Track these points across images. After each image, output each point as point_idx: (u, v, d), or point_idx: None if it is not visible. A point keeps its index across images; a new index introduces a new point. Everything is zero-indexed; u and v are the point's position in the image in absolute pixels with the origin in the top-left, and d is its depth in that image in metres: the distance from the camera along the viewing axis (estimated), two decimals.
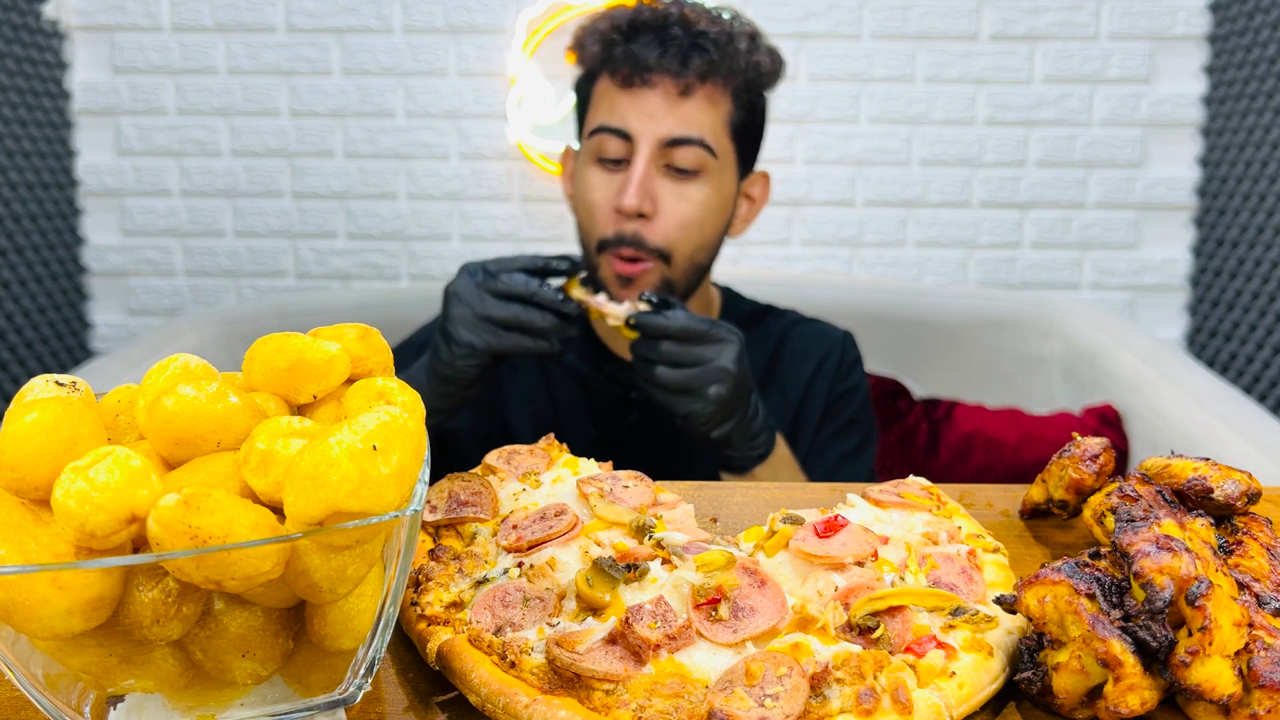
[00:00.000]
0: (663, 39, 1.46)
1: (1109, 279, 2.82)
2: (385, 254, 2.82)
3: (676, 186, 1.48)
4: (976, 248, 2.82)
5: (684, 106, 1.46)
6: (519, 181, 2.78)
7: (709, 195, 1.50)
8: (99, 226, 2.80)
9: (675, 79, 1.45)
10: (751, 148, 1.59)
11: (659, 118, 1.45)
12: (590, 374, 1.63)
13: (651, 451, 1.60)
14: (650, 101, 1.46)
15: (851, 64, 2.72)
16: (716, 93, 1.48)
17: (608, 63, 1.49)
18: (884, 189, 2.79)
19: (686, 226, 1.48)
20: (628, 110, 1.47)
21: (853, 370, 1.69)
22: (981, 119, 2.76)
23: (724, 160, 1.51)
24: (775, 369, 1.66)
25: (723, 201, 1.53)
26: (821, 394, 1.65)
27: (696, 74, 1.45)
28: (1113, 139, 2.75)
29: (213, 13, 2.71)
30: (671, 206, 1.47)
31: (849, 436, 1.64)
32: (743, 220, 1.65)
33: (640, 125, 1.46)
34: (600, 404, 1.63)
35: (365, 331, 0.63)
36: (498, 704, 0.59)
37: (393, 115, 2.75)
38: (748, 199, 1.64)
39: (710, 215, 1.51)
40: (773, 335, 1.68)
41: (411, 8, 2.71)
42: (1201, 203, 2.76)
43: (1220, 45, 2.66)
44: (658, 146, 1.45)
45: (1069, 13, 2.70)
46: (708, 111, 1.48)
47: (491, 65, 2.73)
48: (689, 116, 1.46)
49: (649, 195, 1.46)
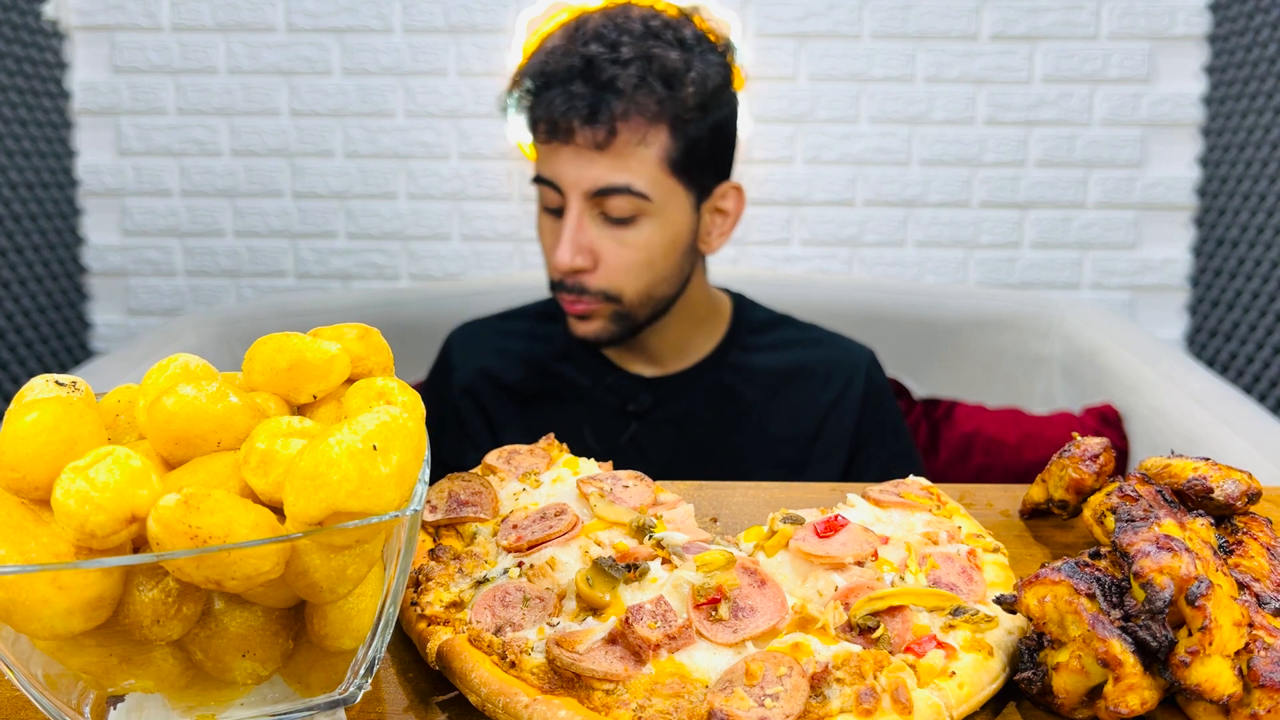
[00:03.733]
0: (568, 94, 1.38)
1: (1109, 279, 2.82)
2: (385, 254, 2.82)
3: (615, 233, 1.42)
4: (976, 248, 2.82)
5: (605, 156, 1.39)
6: (519, 181, 2.78)
7: (651, 236, 1.43)
8: (99, 226, 2.80)
9: (594, 129, 1.37)
10: (706, 170, 1.48)
11: (583, 168, 1.39)
12: (588, 385, 1.59)
13: (651, 465, 1.55)
14: (570, 154, 1.40)
15: (851, 64, 2.72)
16: (645, 128, 1.39)
17: (530, 119, 1.45)
18: (884, 189, 2.79)
19: (630, 270, 1.43)
20: (554, 163, 1.42)
21: (879, 399, 1.59)
22: (981, 119, 2.76)
23: (664, 198, 1.43)
24: (789, 387, 1.57)
25: (673, 236, 1.45)
26: (845, 425, 1.56)
27: (609, 125, 1.37)
28: (1113, 139, 2.75)
29: (213, 13, 2.71)
30: (613, 254, 1.42)
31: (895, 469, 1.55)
32: (718, 235, 1.54)
33: (567, 177, 1.40)
34: (598, 416, 1.58)
35: (365, 331, 0.63)
36: (498, 704, 0.59)
37: (393, 115, 2.75)
38: (719, 213, 1.54)
39: (659, 253, 1.45)
40: (789, 349, 1.60)
41: (411, 8, 2.71)
42: (1201, 203, 2.76)
43: (1220, 45, 2.66)
44: (586, 197, 1.40)
45: (1069, 13, 2.70)
46: (635, 154, 1.39)
47: (491, 65, 2.73)
48: (613, 165, 1.39)
49: (583, 249, 1.41)
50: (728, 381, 1.58)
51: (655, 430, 1.56)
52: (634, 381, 1.58)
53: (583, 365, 1.60)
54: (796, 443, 1.56)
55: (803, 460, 1.56)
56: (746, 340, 1.61)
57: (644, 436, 1.56)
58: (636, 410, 1.56)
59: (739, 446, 1.56)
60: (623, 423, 1.57)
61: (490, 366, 1.61)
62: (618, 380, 1.58)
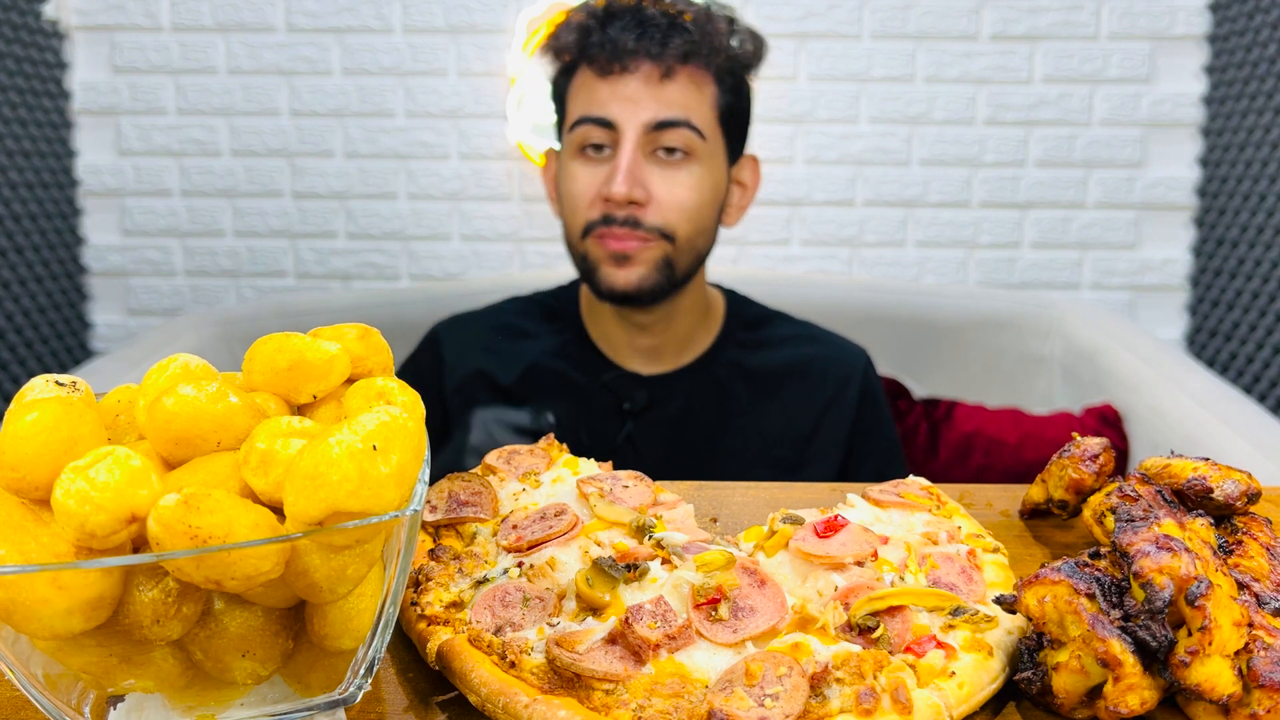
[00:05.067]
0: (640, 22, 1.42)
1: (1109, 279, 2.82)
2: (385, 254, 2.82)
3: (666, 173, 1.44)
4: (976, 248, 2.82)
5: (667, 89, 1.42)
6: (519, 181, 2.78)
7: (701, 178, 1.45)
8: (99, 226, 2.80)
9: (655, 62, 1.41)
10: (739, 133, 1.54)
11: (642, 102, 1.41)
12: (584, 382, 1.56)
13: (645, 464, 1.52)
14: (631, 87, 1.41)
15: (851, 64, 2.72)
16: (699, 75, 1.44)
17: (585, 52, 1.45)
18: (884, 189, 2.79)
19: (684, 210, 1.44)
20: (609, 98, 1.42)
21: (873, 399, 1.61)
22: (981, 119, 2.76)
23: (713, 143, 1.46)
24: (784, 386, 1.58)
25: (715, 185, 1.49)
26: (841, 426, 1.57)
27: (677, 55, 1.41)
28: (1113, 139, 2.75)
29: (213, 13, 2.71)
30: (665, 192, 1.43)
31: (889, 471, 1.57)
32: (736, 208, 1.59)
33: (623, 112, 1.41)
34: (594, 414, 1.55)
35: (365, 331, 0.63)
36: (498, 704, 0.59)
37: (393, 115, 2.75)
38: (739, 185, 1.58)
39: (704, 199, 1.47)
40: (782, 345, 1.61)
41: (411, 8, 2.71)
42: (1201, 203, 2.76)
43: (1220, 45, 2.66)
44: (643, 132, 1.41)
45: (1069, 13, 2.70)
46: (692, 93, 1.44)
47: (491, 65, 2.73)
48: (673, 99, 1.42)
49: (639, 183, 1.41)
50: (723, 379, 1.56)
51: (651, 429, 1.54)
52: (630, 379, 1.56)
53: (577, 362, 1.57)
54: (792, 442, 1.55)
55: (799, 460, 1.55)
56: (741, 337, 1.60)
57: (639, 435, 1.54)
58: (633, 409, 1.54)
59: (734, 446, 1.54)
60: (618, 421, 1.54)
61: (483, 364, 1.58)
62: (615, 378, 1.56)
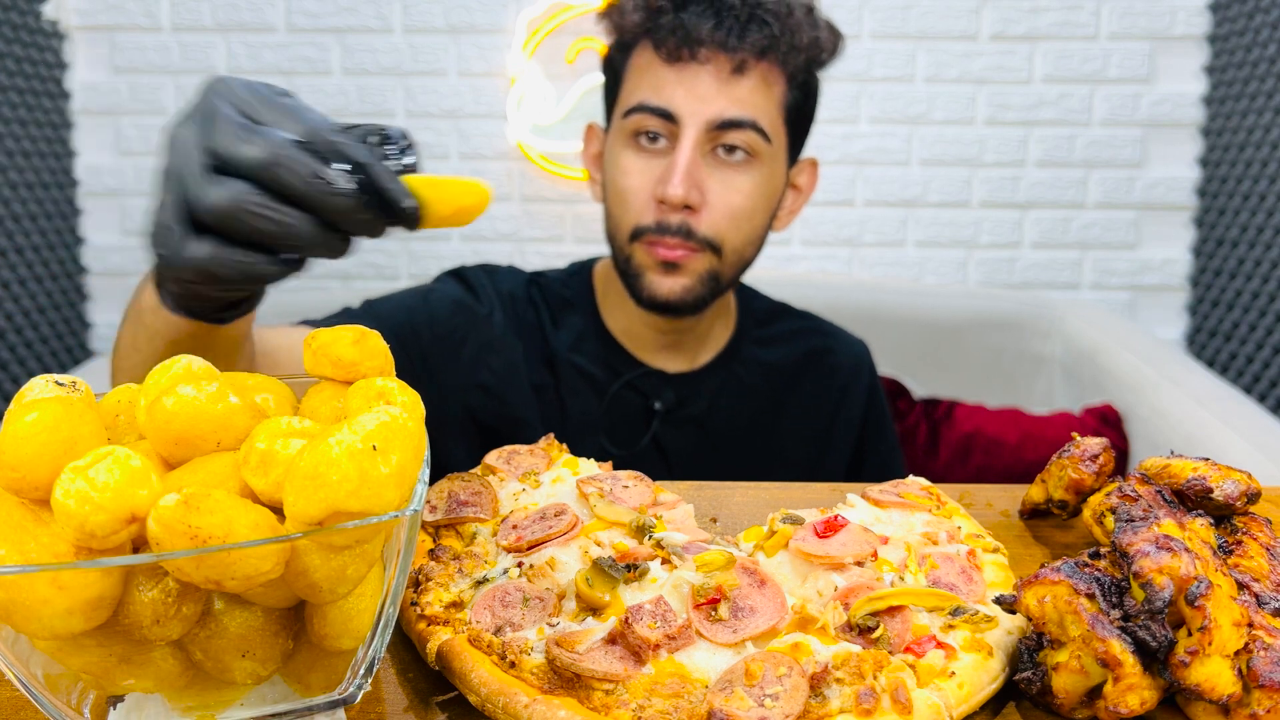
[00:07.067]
0: (718, 8, 1.30)
1: (1109, 279, 2.82)
2: (385, 254, 2.82)
3: (724, 175, 1.33)
4: (976, 248, 2.82)
5: (737, 85, 1.31)
6: (519, 181, 2.78)
7: (759, 184, 1.35)
8: (99, 226, 2.80)
9: (729, 55, 1.29)
10: (802, 134, 1.44)
11: (709, 98, 1.30)
12: (604, 379, 1.46)
13: (672, 468, 1.46)
14: (700, 79, 1.30)
15: (851, 64, 2.72)
16: (772, 72, 1.33)
17: (652, 33, 1.33)
18: (884, 189, 2.79)
19: (736, 218, 1.34)
20: (674, 88, 1.31)
21: (878, 391, 1.59)
22: (981, 119, 2.76)
23: (776, 146, 1.36)
24: (800, 380, 1.53)
25: (771, 192, 1.39)
26: (853, 418, 1.54)
27: (753, 50, 1.30)
28: (1113, 139, 2.75)
29: (213, 13, 2.71)
30: (720, 197, 1.32)
31: (891, 464, 1.57)
32: (789, 212, 1.49)
33: (687, 106, 1.30)
34: (615, 414, 1.46)
35: (362, 334, 0.62)
36: (498, 704, 0.59)
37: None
38: (794, 189, 1.49)
39: (759, 207, 1.36)
40: (795, 340, 1.56)
41: (411, 8, 2.71)
42: (1201, 203, 2.76)
43: (1220, 45, 2.66)
44: (706, 130, 1.30)
45: (1069, 13, 2.70)
46: (761, 92, 1.33)
47: (491, 65, 2.73)
48: (742, 97, 1.31)
49: (696, 184, 1.31)
50: (743, 375, 1.52)
51: (676, 430, 1.47)
52: (658, 378, 1.48)
53: (595, 356, 1.47)
54: (811, 436, 1.53)
55: (818, 452, 1.52)
56: (755, 333, 1.56)
57: (664, 435, 1.46)
58: (662, 408, 1.46)
59: (758, 443, 1.51)
60: (643, 421, 1.47)
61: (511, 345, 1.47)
62: (640, 376, 1.47)
